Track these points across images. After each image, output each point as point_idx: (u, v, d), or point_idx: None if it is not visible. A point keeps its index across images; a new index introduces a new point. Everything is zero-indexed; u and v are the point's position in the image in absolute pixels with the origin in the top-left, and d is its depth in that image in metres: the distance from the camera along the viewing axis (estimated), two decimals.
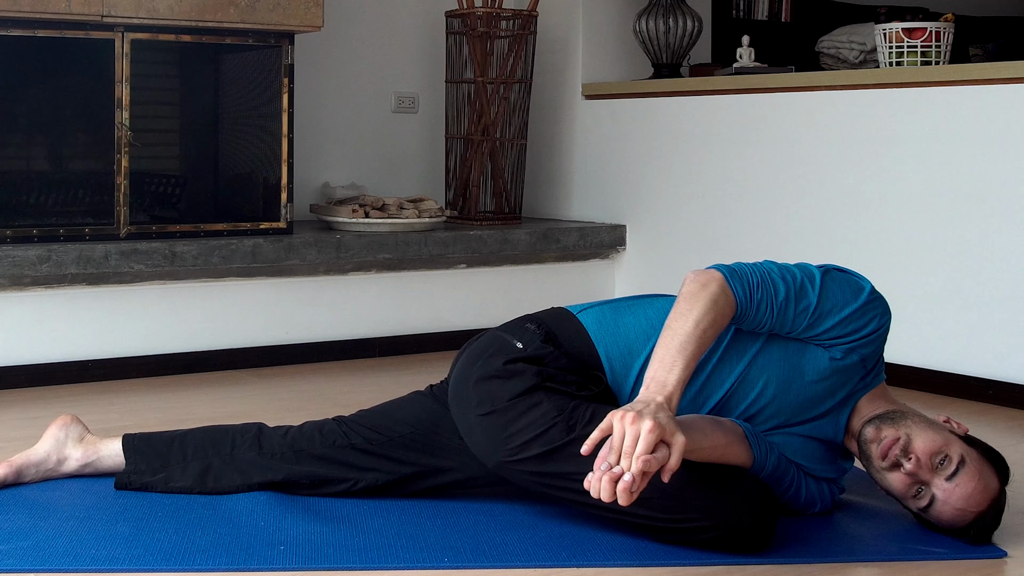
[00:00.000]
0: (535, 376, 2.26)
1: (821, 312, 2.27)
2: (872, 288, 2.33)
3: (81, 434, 2.56)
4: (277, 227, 4.07)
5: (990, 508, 2.24)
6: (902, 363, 3.71)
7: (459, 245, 4.31)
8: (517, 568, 2.14)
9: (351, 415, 2.53)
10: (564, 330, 2.37)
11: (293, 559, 2.15)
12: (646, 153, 4.58)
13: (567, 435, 2.19)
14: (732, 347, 2.32)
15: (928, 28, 3.79)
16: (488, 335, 2.42)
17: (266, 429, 2.53)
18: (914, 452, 2.23)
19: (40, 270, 3.59)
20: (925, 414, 2.34)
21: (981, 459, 2.25)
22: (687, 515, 2.15)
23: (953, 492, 2.22)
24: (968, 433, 2.32)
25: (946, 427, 2.30)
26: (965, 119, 3.58)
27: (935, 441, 2.23)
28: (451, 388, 2.39)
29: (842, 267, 2.37)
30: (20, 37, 3.67)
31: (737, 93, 4.26)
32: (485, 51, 4.56)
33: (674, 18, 4.64)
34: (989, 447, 2.31)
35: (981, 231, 3.54)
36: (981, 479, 2.22)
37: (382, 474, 2.45)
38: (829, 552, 2.23)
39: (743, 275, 2.24)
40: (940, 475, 2.22)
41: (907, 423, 2.27)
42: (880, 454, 2.26)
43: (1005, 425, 3.31)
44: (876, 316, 2.31)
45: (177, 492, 2.48)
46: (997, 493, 2.25)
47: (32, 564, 2.10)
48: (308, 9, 3.99)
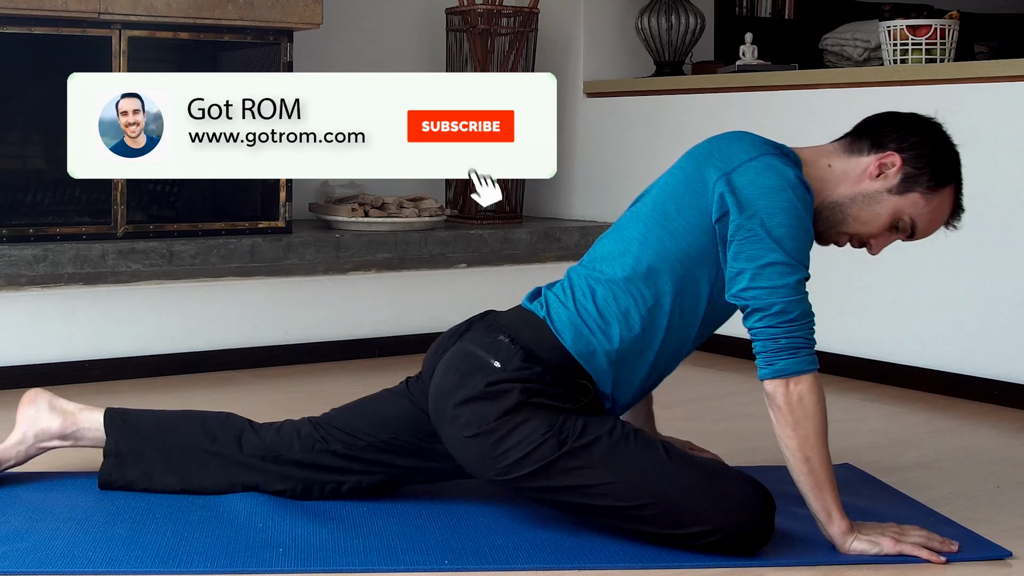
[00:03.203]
0: (521, 394, 2.22)
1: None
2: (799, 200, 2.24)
3: (51, 402, 2.54)
4: (276, 226, 4.05)
5: (955, 208, 2.34)
6: (907, 363, 3.69)
7: (459, 244, 4.29)
8: (518, 571, 2.13)
9: (325, 415, 2.50)
10: (541, 343, 2.27)
11: (293, 561, 2.14)
12: (648, 152, 4.56)
13: (559, 449, 2.18)
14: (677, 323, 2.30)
15: (933, 25, 3.77)
16: (460, 349, 2.32)
17: (247, 430, 2.50)
18: (866, 240, 2.32)
19: (37, 270, 3.57)
20: (853, 187, 2.30)
21: (932, 193, 2.29)
22: (687, 521, 2.15)
23: (920, 235, 2.33)
24: (900, 137, 2.31)
25: (876, 187, 2.28)
26: (970, 117, 3.56)
27: (879, 225, 2.29)
28: (432, 403, 2.33)
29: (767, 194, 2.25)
30: (16, 34, 3.65)
31: (740, 91, 4.24)
32: (486, 48, 4.54)
33: (676, 15, 4.62)
34: (927, 155, 2.30)
35: (986, 230, 3.51)
36: (942, 209, 2.31)
37: (365, 476, 2.44)
38: (834, 554, 2.20)
39: (812, 333, 2.19)
40: (901, 234, 2.32)
41: (841, 225, 2.30)
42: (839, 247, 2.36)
43: (1010, 426, 3.29)
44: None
45: (161, 490, 2.46)
46: (955, 194, 2.32)
47: (30, 566, 2.09)
48: (307, 6, 3.97)
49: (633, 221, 2.33)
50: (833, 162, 2.33)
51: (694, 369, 4.00)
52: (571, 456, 2.16)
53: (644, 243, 2.27)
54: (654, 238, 2.27)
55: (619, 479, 2.16)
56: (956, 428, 3.27)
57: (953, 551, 2.19)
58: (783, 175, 2.20)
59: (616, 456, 2.17)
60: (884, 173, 2.28)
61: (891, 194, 2.28)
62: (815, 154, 2.34)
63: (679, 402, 3.47)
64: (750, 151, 2.25)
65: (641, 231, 2.29)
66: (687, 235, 2.24)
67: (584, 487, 2.18)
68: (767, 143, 2.30)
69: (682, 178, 2.29)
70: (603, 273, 2.29)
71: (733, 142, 2.30)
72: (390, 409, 2.45)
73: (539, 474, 2.19)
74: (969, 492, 2.65)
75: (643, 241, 2.28)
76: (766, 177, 2.20)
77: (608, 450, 2.18)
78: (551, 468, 2.18)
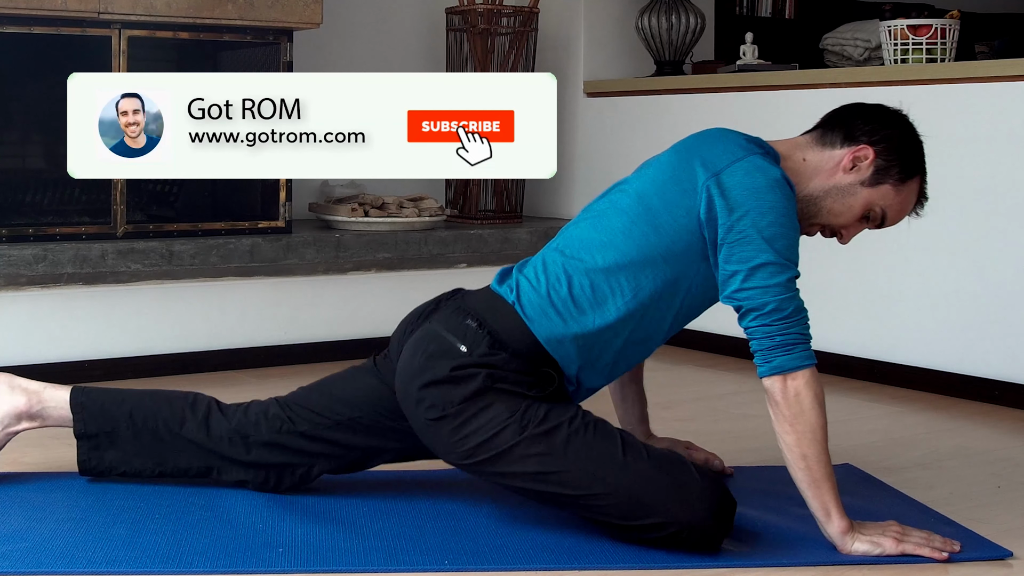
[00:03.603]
0: (485, 379, 2.23)
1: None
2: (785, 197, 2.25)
3: (10, 382, 2.50)
4: (275, 226, 4.05)
5: (919, 196, 2.38)
6: (907, 363, 3.68)
7: (459, 244, 4.29)
8: (518, 571, 2.13)
9: (291, 394, 2.51)
10: (508, 329, 2.28)
11: (292, 561, 2.14)
12: (648, 151, 4.51)
13: (520, 435, 2.19)
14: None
15: (933, 25, 3.77)
16: (428, 330, 2.32)
17: (214, 411, 2.49)
18: (838, 230, 2.36)
19: (36, 269, 3.57)
20: (827, 179, 2.33)
21: (902, 184, 2.32)
22: (641, 513, 2.15)
23: (889, 223, 2.37)
24: (872, 130, 2.33)
25: (850, 179, 2.32)
26: (971, 117, 3.56)
27: (851, 216, 2.33)
28: (397, 382, 2.34)
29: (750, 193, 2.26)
30: (16, 34, 3.65)
31: (740, 91, 4.24)
32: (486, 48, 4.54)
33: (677, 15, 4.62)
34: (896, 149, 2.33)
35: (986, 229, 3.51)
36: (910, 199, 2.34)
37: (333, 459, 2.45)
38: (834, 554, 2.20)
39: (807, 329, 2.20)
40: (871, 223, 2.36)
41: (815, 216, 2.33)
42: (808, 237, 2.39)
43: (1011, 426, 3.28)
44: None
45: (140, 472, 2.47)
46: (921, 183, 2.36)
47: (28, 566, 2.09)
48: (307, 6, 3.97)
49: (616, 212, 2.33)
50: (808, 155, 2.36)
51: (694, 369, 4.00)
52: (531, 442, 2.18)
53: (628, 236, 2.28)
54: (639, 232, 2.27)
55: (574, 467, 2.17)
56: (956, 428, 3.26)
57: (955, 551, 2.19)
58: (769, 175, 2.22)
59: (573, 444, 2.18)
60: (857, 166, 2.32)
61: (864, 186, 2.32)
62: (789, 147, 2.37)
63: (679, 402, 3.47)
64: (736, 151, 2.27)
65: (626, 224, 2.29)
66: (672, 232, 2.26)
67: (540, 474, 2.19)
68: (750, 141, 2.33)
69: (670, 175, 2.31)
70: (583, 261, 2.30)
71: (719, 141, 2.32)
72: (357, 387, 2.46)
73: (498, 459, 2.20)
74: (969, 492, 2.65)
75: (627, 234, 2.28)
76: (754, 178, 2.22)
77: (567, 438, 2.19)
78: (510, 453, 2.20)
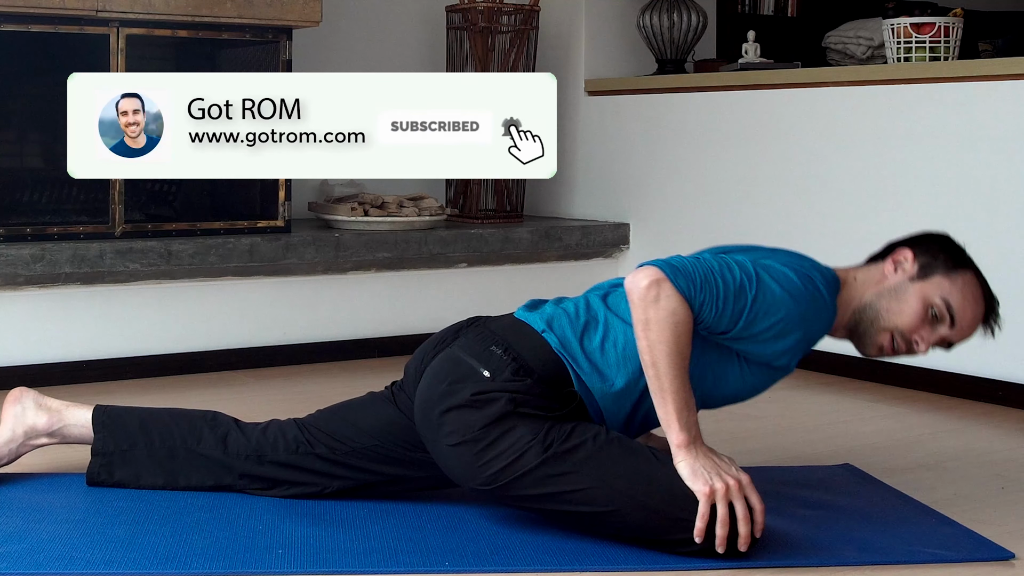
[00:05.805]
0: (508, 403, 2.21)
1: (757, 313, 2.20)
2: (811, 291, 2.26)
3: (37, 400, 2.55)
4: (275, 225, 4.04)
5: (987, 299, 2.36)
6: (910, 363, 3.67)
7: (460, 244, 4.28)
8: (519, 572, 2.12)
9: (310, 417, 2.51)
10: (535, 355, 2.27)
11: (292, 563, 2.13)
12: (650, 150, 4.55)
13: (543, 454, 2.17)
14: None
15: (937, 23, 3.76)
16: (450, 355, 2.32)
17: (233, 430, 2.50)
18: (908, 336, 2.32)
19: (34, 269, 3.56)
20: (877, 287, 2.35)
21: (953, 273, 2.33)
22: (670, 528, 2.14)
23: (963, 325, 2.32)
24: (909, 241, 2.40)
25: (898, 279, 2.33)
26: (974, 115, 3.55)
27: (911, 312, 2.31)
28: (417, 410, 2.32)
29: (785, 261, 2.29)
30: (13, 32, 3.64)
31: (742, 89, 4.23)
32: (486, 47, 4.53)
33: (678, 13, 4.61)
34: (937, 247, 2.38)
35: (990, 228, 3.50)
36: (971, 293, 2.33)
37: (349, 481, 2.44)
38: (836, 555, 2.20)
39: (686, 273, 2.17)
40: (942, 324, 2.31)
41: (876, 321, 2.33)
42: (890, 355, 2.36)
43: (1014, 427, 3.28)
44: (810, 325, 2.27)
45: (149, 488, 2.47)
46: (979, 282, 2.35)
47: (27, 567, 2.08)
48: (306, 4, 3.96)
49: None
50: (858, 275, 2.40)
51: None
52: (554, 461, 2.16)
53: None
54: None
55: (600, 484, 2.15)
56: (960, 429, 3.25)
57: (747, 543, 2.13)
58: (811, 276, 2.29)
59: (599, 461, 2.16)
60: (900, 267, 2.35)
61: (913, 282, 2.33)
62: (842, 272, 2.41)
63: None
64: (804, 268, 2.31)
65: None
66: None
67: (565, 493, 2.16)
68: (829, 283, 2.33)
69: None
70: (625, 321, 2.29)
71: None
72: (375, 416, 2.45)
73: (522, 481, 2.18)
74: (973, 493, 2.64)
75: None
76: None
77: (592, 454, 2.17)
78: (534, 474, 2.17)
